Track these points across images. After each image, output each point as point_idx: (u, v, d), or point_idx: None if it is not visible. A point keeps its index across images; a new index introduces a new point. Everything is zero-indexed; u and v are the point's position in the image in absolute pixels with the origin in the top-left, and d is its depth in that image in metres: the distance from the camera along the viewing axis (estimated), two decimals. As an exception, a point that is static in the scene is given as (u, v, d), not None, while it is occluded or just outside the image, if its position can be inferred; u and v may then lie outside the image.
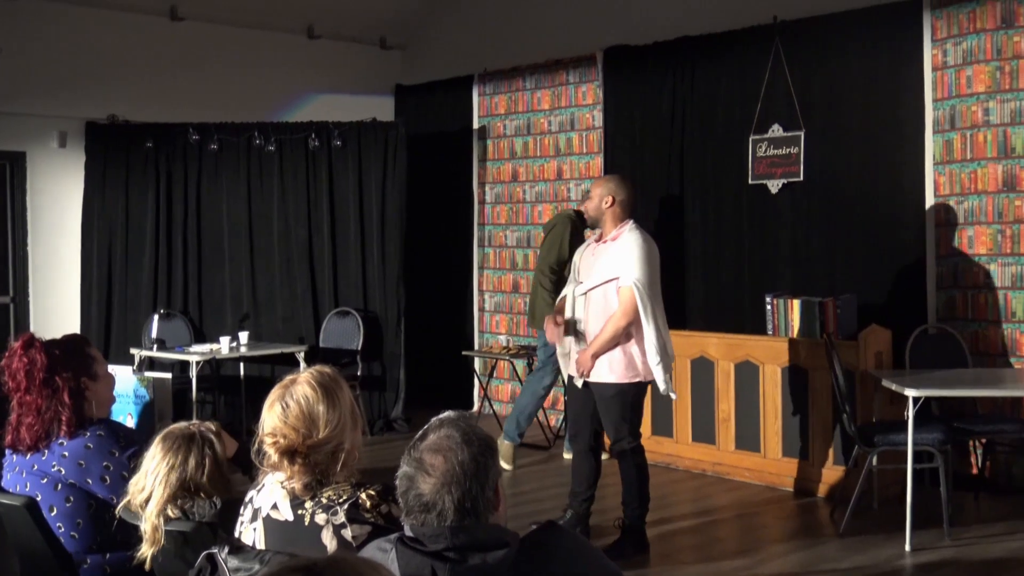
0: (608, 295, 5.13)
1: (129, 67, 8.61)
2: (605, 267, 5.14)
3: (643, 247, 5.09)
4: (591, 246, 5.37)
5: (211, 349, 7.73)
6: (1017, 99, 6.29)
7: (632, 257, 5.06)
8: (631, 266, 5.05)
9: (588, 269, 5.25)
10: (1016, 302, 6.33)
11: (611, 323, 5.07)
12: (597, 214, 5.29)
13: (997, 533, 5.51)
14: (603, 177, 5.62)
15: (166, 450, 2.84)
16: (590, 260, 5.28)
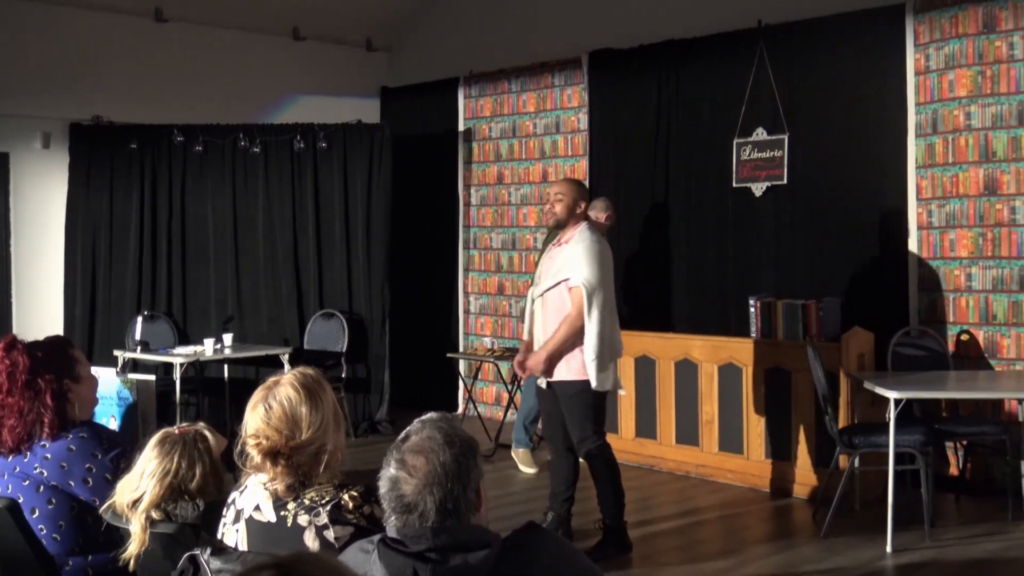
0: (562, 295, 5.22)
1: (114, 68, 8.59)
2: (561, 268, 5.23)
3: (595, 248, 5.18)
4: (551, 249, 5.46)
5: (195, 351, 7.71)
6: (998, 103, 6.34)
7: (583, 257, 5.14)
8: (581, 266, 5.12)
9: (547, 272, 5.35)
10: (997, 305, 6.37)
11: (566, 323, 5.14)
12: (566, 216, 5.33)
13: (978, 534, 5.55)
14: (571, 181, 5.63)
15: (163, 453, 2.83)
16: (548, 263, 5.38)
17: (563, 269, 5.22)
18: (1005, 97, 6.31)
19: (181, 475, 2.77)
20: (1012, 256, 6.31)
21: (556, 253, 5.34)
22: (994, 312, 6.39)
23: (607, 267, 5.25)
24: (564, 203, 5.32)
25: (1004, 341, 6.35)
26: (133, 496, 2.79)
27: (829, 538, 5.51)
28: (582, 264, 5.14)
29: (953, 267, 6.54)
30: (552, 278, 5.27)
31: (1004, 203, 6.34)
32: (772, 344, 6.57)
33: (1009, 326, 6.33)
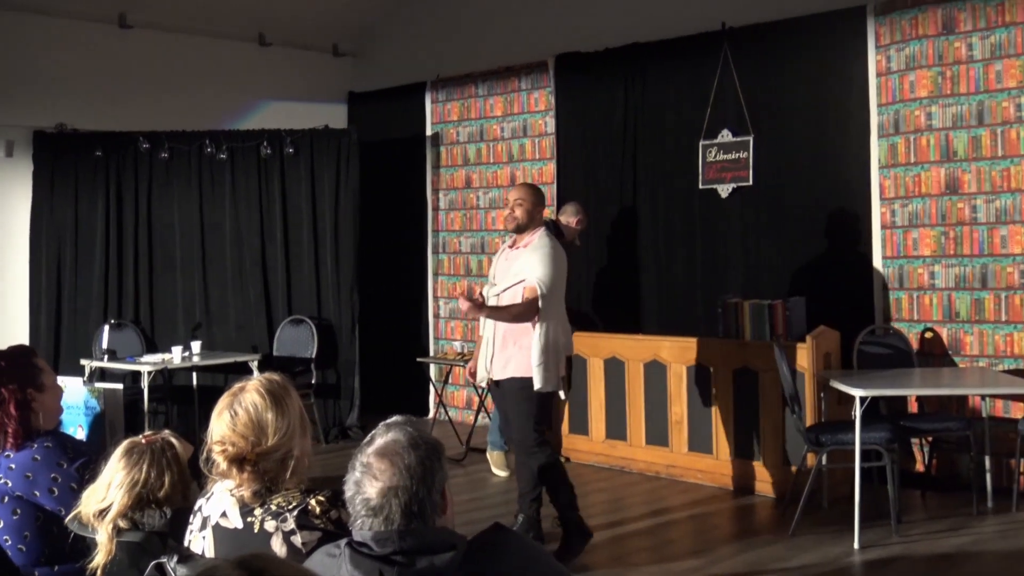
0: (517, 296, 5.30)
1: (78, 75, 8.53)
2: (519, 271, 5.32)
3: (553, 252, 5.30)
4: (505, 251, 5.56)
5: (163, 359, 7.67)
6: (959, 103, 6.43)
7: (542, 261, 5.25)
8: (538, 268, 5.23)
9: (503, 273, 5.44)
10: (960, 303, 6.46)
11: (514, 306, 5.24)
12: (526, 221, 5.41)
13: (943, 529, 5.62)
14: (530, 186, 5.70)
15: (131, 463, 2.82)
16: (504, 265, 5.48)
17: (521, 272, 5.30)
18: (965, 97, 6.40)
19: (149, 484, 2.76)
20: (974, 254, 6.40)
21: (514, 256, 5.43)
22: (957, 310, 6.47)
23: (562, 273, 5.36)
24: (524, 208, 5.40)
25: (967, 338, 6.44)
26: (100, 506, 2.77)
27: (797, 536, 5.55)
28: (540, 267, 5.24)
29: (916, 266, 6.62)
30: (511, 279, 5.35)
31: (965, 202, 6.43)
32: (739, 344, 6.62)
33: (972, 323, 6.41)
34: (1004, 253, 6.29)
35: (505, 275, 5.44)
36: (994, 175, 6.31)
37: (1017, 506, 5.87)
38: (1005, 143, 6.27)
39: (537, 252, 5.29)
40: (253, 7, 9.27)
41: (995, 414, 6.26)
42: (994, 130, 6.30)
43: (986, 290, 6.35)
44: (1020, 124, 6.21)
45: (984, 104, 6.33)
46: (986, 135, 6.33)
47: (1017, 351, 6.24)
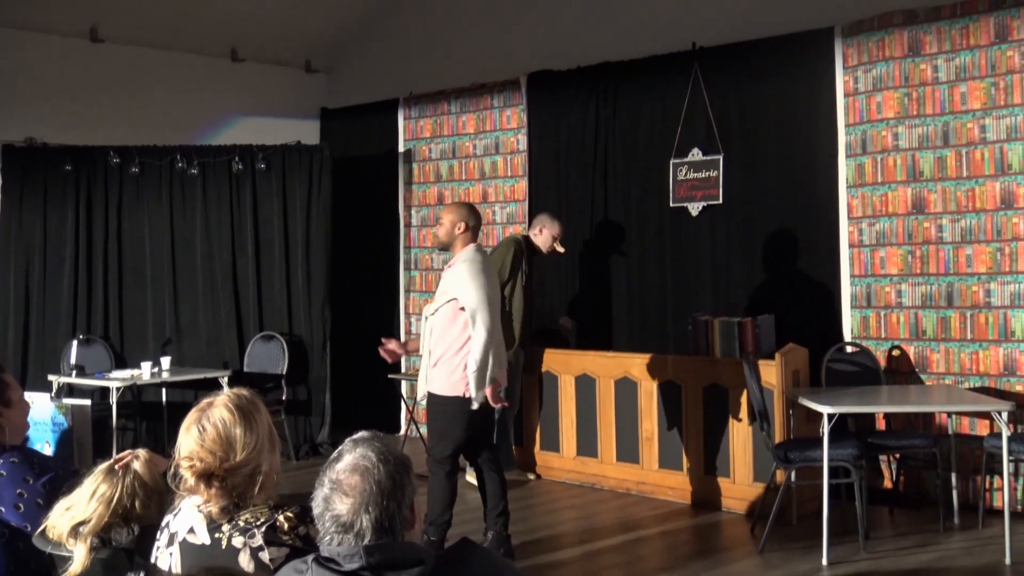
0: (446, 314, 5.38)
1: (48, 89, 8.48)
2: (446, 289, 5.42)
3: (473, 268, 5.36)
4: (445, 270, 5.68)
5: (132, 375, 7.62)
6: (924, 124, 6.52)
7: (465, 278, 5.32)
8: (465, 286, 5.30)
9: (438, 292, 5.56)
10: (926, 321, 6.53)
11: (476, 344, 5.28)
12: (448, 239, 5.52)
13: (911, 545, 5.66)
14: (456, 204, 5.80)
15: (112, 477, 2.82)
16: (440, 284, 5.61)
17: (448, 290, 5.41)
18: (931, 118, 6.49)
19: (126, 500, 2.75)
20: (940, 273, 6.47)
21: (446, 274, 5.57)
22: (923, 328, 6.54)
23: (491, 284, 5.41)
24: (443, 227, 5.53)
25: (934, 356, 6.51)
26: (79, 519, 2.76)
27: (766, 552, 5.58)
28: (465, 285, 5.31)
29: (884, 284, 6.69)
30: (441, 297, 5.45)
31: (931, 221, 6.51)
32: (709, 361, 6.66)
33: (938, 341, 6.48)
34: (969, 272, 6.37)
35: (438, 293, 5.55)
36: (959, 195, 6.40)
37: (983, 522, 5.92)
38: (970, 163, 6.36)
39: (460, 269, 5.38)
40: (226, 22, 9.26)
41: (961, 431, 6.32)
42: (959, 151, 6.39)
43: (952, 308, 6.43)
44: (984, 145, 6.31)
45: (949, 125, 6.43)
46: (951, 156, 6.42)
47: (982, 369, 6.32)
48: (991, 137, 6.29)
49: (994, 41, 6.26)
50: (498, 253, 7.04)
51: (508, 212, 8.68)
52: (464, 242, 5.49)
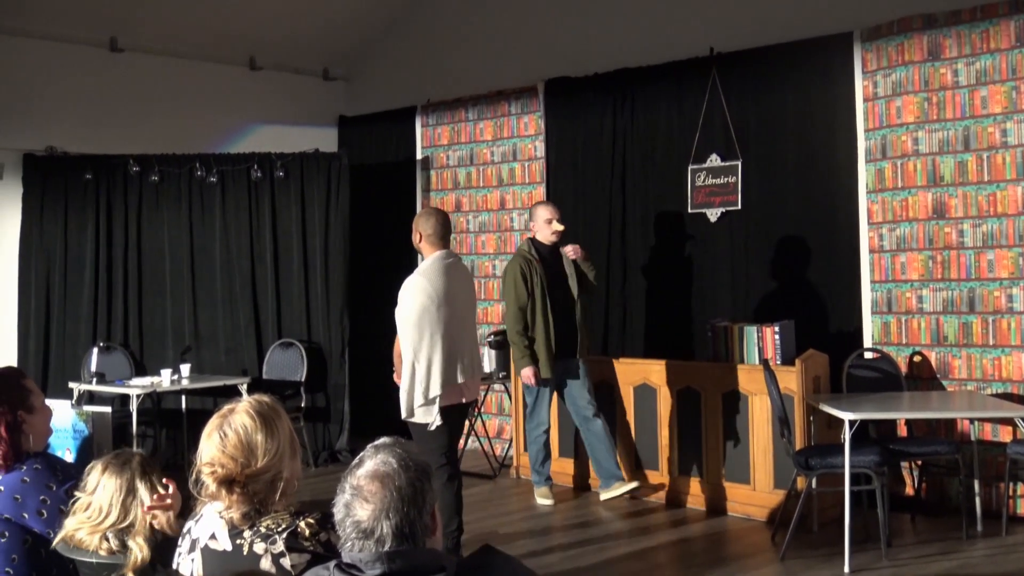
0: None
1: (68, 98, 8.54)
2: None
3: (409, 284, 5.30)
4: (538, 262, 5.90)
5: (152, 382, 7.64)
6: (944, 129, 6.48)
7: (402, 292, 5.31)
8: (399, 301, 5.32)
9: None
10: (948, 326, 6.49)
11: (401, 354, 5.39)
12: (418, 250, 5.53)
13: (933, 553, 5.62)
14: (420, 213, 5.79)
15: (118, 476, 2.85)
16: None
17: None
18: (951, 123, 6.45)
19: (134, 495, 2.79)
20: (961, 278, 6.43)
21: None
22: (945, 333, 6.50)
23: (425, 298, 5.25)
24: (414, 238, 5.51)
25: (955, 362, 6.46)
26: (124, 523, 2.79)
27: (787, 559, 5.55)
28: (399, 300, 5.32)
29: (904, 290, 6.65)
30: None
31: (952, 226, 6.47)
32: (729, 368, 6.64)
33: (960, 347, 6.44)
34: (991, 277, 6.33)
35: None
36: (980, 200, 6.36)
37: (1007, 530, 5.87)
38: (991, 168, 6.32)
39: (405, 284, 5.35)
40: (244, 31, 9.31)
41: (984, 438, 6.27)
42: (980, 155, 6.35)
43: (974, 314, 6.39)
44: (1006, 149, 6.27)
45: (970, 129, 6.39)
46: (972, 160, 6.39)
47: (1005, 375, 6.27)
48: (1012, 141, 6.25)
49: (1014, 44, 6.22)
50: (506, 283, 6.85)
51: (526, 219, 8.66)
52: (428, 251, 5.44)
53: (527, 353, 6.67)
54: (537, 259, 6.82)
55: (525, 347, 6.68)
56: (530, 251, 6.87)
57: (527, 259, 6.81)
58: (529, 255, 6.84)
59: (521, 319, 6.69)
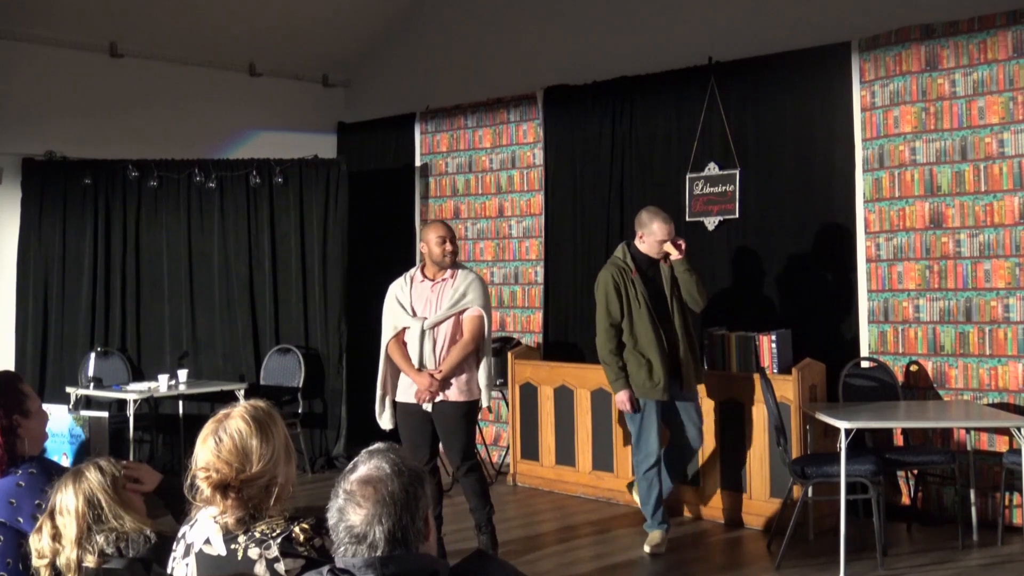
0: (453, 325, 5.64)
1: (67, 103, 8.55)
2: (450, 300, 5.64)
3: (479, 279, 5.74)
4: (420, 284, 5.76)
5: (149, 387, 7.65)
6: (942, 139, 6.50)
7: (479, 291, 5.67)
8: (478, 298, 5.65)
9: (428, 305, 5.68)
10: (944, 336, 6.49)
11: (460, 347, 5.60)
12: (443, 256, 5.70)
13: (929, 562, 5.62)
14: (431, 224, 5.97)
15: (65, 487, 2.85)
16: (426, 296, 5.71)
17: (457, 301, 5.63)
18: (948, 133, 6.47)
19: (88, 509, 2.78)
20: (958, 288, 6.44)
21: (438, 288, 5.71)
22: (942, 343, 6.51)
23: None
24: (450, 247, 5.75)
25: (952, 371, 6.47)
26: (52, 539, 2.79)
27: (783, 568, 5.55)
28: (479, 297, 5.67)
29: (901, 299, 6.66)
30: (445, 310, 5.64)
31: (949, 236, 6.48)
32: (726, 376, 6.64)
33: (956, 357, 6.45)
34: (988, 287, 6.34)
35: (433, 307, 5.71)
36: (977, 210, 6.37)
37: (1002, 540, 5.88)
38: (988, 178, 6.34)
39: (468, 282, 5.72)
40: (244, 37, 9.33)
41: (980, 447, 6.28)
42: (977, 165, 6.37)
43: (970, 324, 6.40)
44: (1003, 160, 6.28)
45: (967, 140, 6.41)
46: (969, 170, 6.40)
47: (1001, 385, 6.28)
48: (1009, 152, 6.26)
49: (1012, 55, 6.24)
50: (597, 297, 6.13)
51: (524, 226, 8.70)
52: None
53: (621, 375, 5.94)
54: (634, 269, 6.05)
55: (620, 368, 5.95)
56: (624, 259, 6.10)
57: (621, 269, 6.05)
58: (624, 263, 6.07)
59: (613, 337, 5.97)
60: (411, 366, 5.65)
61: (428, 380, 5.56)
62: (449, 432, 5.63)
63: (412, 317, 5.67)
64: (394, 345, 5.78)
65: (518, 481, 7.74)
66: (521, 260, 8.72)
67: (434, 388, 5.56)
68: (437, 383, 5.56)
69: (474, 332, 5.61)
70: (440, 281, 5.70)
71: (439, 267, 5.72)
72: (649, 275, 6.06)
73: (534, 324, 8.60)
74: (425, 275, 5.77)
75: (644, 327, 5.91)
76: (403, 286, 5.82)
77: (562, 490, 7.42)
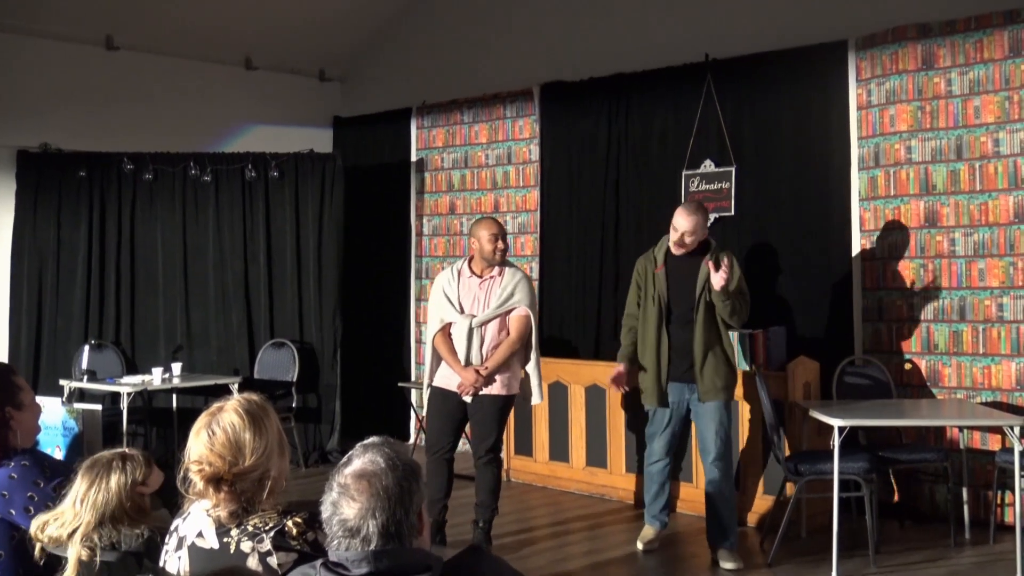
0: (500, 324, 5.79)
1: (63, 96, 8.53)
2: (498, 299, 5.78)
3: (526, 277, 5.92)
4: (468, 279, 5.86)
5: (143, 380, 7.64)
6: (937, 138, 6.50)
7: (526, 290, 5.84)
8: (526, 297, 5.82)
9: (476, 302, 5.81)
10: (938, 334, 6.51)
11: (507, 345, 5.76)
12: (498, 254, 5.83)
13: (921, 560, 5.63)
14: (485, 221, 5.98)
15: (91, 479, 2.82)
16: (474, 293, 5.82)
17: (505, 299, 5.78)
18: (944, 132, 6.48)
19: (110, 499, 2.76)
20: (952, 287, 6.45)
21: (486, 286, 5.82)
22: (936, 341, 6.52)
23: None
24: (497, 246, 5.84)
25: (945, 370, 6.48)
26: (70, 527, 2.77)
27: (776, 565, 5.56)
28: (527, 296, 5.84)
29: (895, 297, 6.67)
30: (494, 308, 5.78)
31: (944, 235, 6.49)
32: (720, 373, 6.63)
33: (950, 355, 6.46)
34: (982, 286, 6.35)
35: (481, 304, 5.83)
36: (972, 209, 6.38)
37: (994, 538, 5.89)
38: (983, 177, 6.34)
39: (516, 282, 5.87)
40: (240, 31, 9.31)
41: (973, 446, 6.29)
42: (972, 164, 6.38)
43: (964, 322, 6.41)
44: (998, 159, 6.29)
45: (963, 139, 6.41)
46: (964, 169, 6.41)
47: (994, 383, 6.29)
48: (1004, 151, 6.27)
49: (1008, 55, 6.25)
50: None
51: (520, 222, 8.69)
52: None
53: (625, 354, 5.93)
54: (659, 264, 5.79)
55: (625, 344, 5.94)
56: (656, 251, 5.87)
57: (649, 260, 5.86)
58: (653, 256, 5.85)
59: (626, 324, 5.97)
60: (456, 360, 5.78)
61: (474, 376, 5.71)
62: (483, 423, 5.80)
63: (460, 314, 5.81)
64: (440, 338, 5.88)
65: (512, 477, 7.75)
66: (516, 256, 8.70)
67: (479, 384, 5.72)
68: (482, 379, 5.71)
69: (521, 331, 5.78)
70: (488, 279, 5.82)
71: (488, 264, 5.83)
72: (683, 271, 5.68)
73: (529, 320, 8.59)
74: (473, 271, 5.87)
75: (648, 328, 5.76)
76: (451, 280, 5.91)
77: (556, 486, 7.43)
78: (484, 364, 5.72)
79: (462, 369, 5.74)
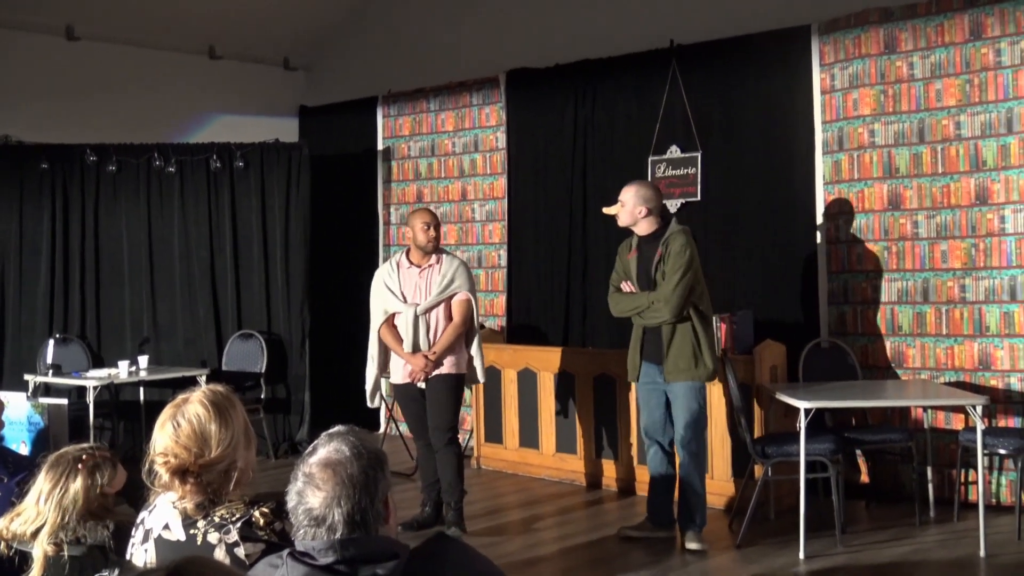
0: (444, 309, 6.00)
1: (23, 87, 8.42)
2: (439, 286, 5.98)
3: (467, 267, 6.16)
4: (408, 270, 6.06)
5: (109, 374, 7.58)
6: (900, 121, 6.56)
7: (465, 275, 6.05)
8: (466, 283, 6.03)
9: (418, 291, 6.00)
10: (902, 316, 6.58)
11: (452, 328, 5.97)
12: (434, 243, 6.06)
13: (887, 539, 5.71)
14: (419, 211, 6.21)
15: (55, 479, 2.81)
16: (415, 282, 6.02)
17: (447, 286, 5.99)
18: (906, 115, 6.54)
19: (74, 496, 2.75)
20: (916, 269, 6.52)
21: (426, 274, 6.03)
22: (899, 323, 6.59)
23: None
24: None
25: (909, 351, 6.55)
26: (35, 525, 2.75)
27: (744, 547, 5.61)
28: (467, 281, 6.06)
29: (860, 280, 6.73)
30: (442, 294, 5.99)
31: (907, 217, 6.55)
32: (688, 357, 6.67)
33: (914, 336, 6.53)
34: (944, 268, 6.42)
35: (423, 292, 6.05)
36: (935, 191, 6.45)
37: (958, 516, 5.98)
38: (945, 160, 6.41)
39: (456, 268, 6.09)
40: (203, 20, 9.22)
41: (937, 425, 6.38)
42: (934, 147, 6.44)
43: (927, 304, 6.48)
44: (959, 142, 6.36)
45: (925, 122, 6.48)
46: (927, 152, 6.47)
47: (957, 364, 6.37)
48: (966, 134, 6.34)
49: (969, 39, 6.31)
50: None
51: (487, 210, 8.69)
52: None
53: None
54: (633, 247, 5.87)
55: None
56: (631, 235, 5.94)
57: (626, 245, 5.95)
58: (629, 240, 5.96)
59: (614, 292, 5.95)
60: (402, 349, 6.01)
61: (423, 361, 5.93)
62: (438, 403, 5.94)
63: (403, 303, 6.01)
64: (386, 329, 6.12)
65: (482, 464, 7.77)
66: (484, 244, 8.72)
67: (428, 368, 5.94)
68: (431, 364, 5.93)
69: (464, 315, 6.02)
70: (427, 267, 6.04)
71: (424, 252, 6.04)
72: (648, 255, 5.73)
73: (497, 307, 8.61)
74: (411, 261, 6.09)
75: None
76: (391, 271, 6.14)
77: (526, 472, 7.46)
78: (432, 349, 5.94)
79: (410, 356, 5.97)
